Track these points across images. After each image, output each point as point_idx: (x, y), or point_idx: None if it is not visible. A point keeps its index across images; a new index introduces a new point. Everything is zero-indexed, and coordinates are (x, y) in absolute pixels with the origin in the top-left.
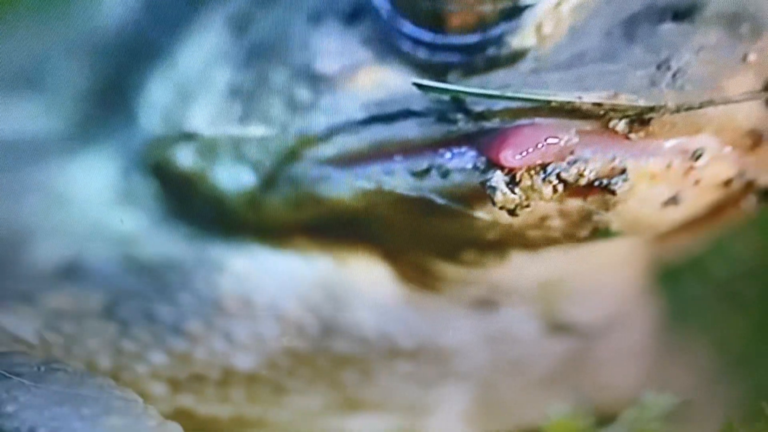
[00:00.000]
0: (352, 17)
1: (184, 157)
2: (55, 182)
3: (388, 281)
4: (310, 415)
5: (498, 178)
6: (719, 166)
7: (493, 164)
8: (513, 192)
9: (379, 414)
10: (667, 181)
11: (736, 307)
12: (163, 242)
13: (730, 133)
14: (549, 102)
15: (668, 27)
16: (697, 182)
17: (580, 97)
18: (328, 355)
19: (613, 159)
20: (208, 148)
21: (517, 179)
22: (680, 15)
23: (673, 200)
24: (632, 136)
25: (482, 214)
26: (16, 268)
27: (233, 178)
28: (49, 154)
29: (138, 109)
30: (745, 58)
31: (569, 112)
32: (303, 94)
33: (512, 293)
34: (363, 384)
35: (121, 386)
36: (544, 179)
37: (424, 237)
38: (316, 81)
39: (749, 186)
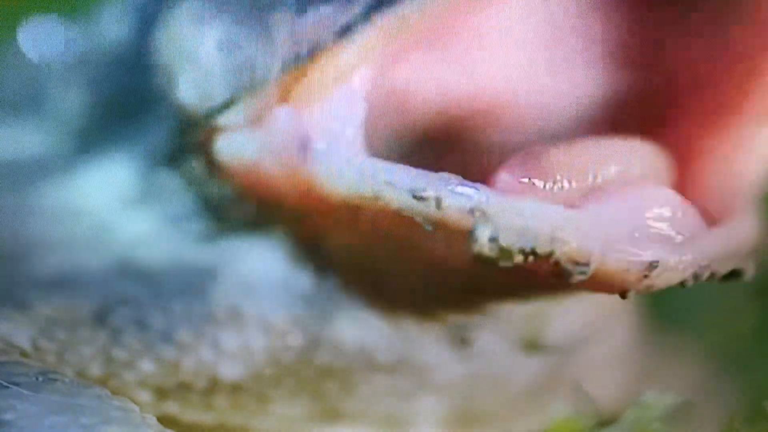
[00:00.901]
0: None
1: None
2: (59, 194)
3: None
4: (292, 423)
5: (483, 232)
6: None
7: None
8: (490, 249)
9: (360, 424)
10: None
11: (733, 305)
12: (167, 248)
13: None
14: None
15: None
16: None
17: None
18: (311, 367)
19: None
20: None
21: (500, 240)
22: None
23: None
24: None
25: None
26: (14, 277)
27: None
28: (53, 169)
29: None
30: None
31: None
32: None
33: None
34: (344, 395)
35: (117, 396)
36: (520, 249)
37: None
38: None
39: None
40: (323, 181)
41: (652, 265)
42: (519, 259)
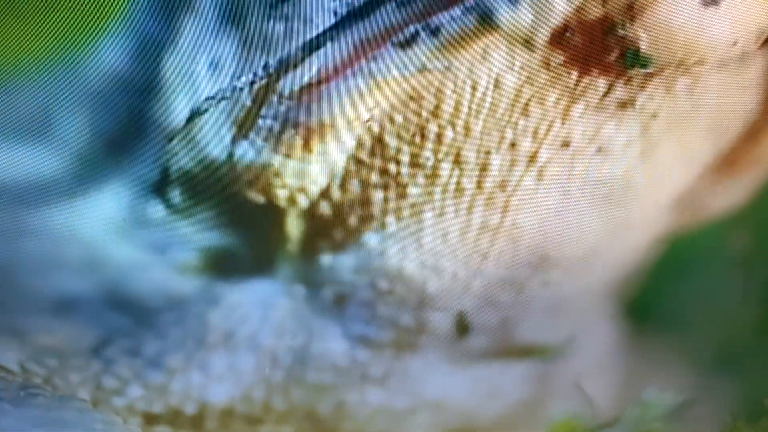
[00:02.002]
0: None
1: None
2: (57, 219)
3: (362, 310)
4: None
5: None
6: None
7: None
8: (518, 10)
9: None
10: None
11: (731, 304)
12: (166, 277)
13: None
14: None
15: None
16: None
17: None
18: (302, 385)
19: None
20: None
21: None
22: None
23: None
24: None
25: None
26: (9, 301)
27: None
28: (53, 193)
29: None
30: None
31: None
32: (273, 27)
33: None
34: (337, 415)
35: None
36: None
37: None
38: (280, 6)
39: None
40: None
41: None
42: (559, 3)
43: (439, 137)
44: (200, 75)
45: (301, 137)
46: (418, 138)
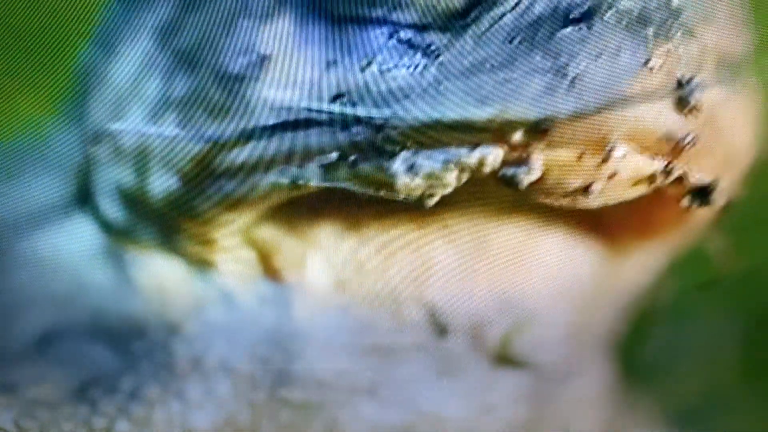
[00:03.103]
0: (265, 16)
1: (128, 178)
2: (44, 248)
3: (335, 318)
4: None
5: (398, 165)
6: (639, 159)
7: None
8: (413, 180)
9: None
10: (578, 172)
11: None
12: (131, 304)
13: (643, 139)
14: (441, 120)
15: (567, 32)
16: (612, 176)
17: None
18: (288, 405)
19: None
20: (141, 160)
21: (417, 166)
22: (579, 19)
23: (584, 191)
24: (532, 145)
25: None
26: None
27: (163, 186)
28: (41, 220)
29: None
30: (647, 62)
31: (464, 128)
32: (218, 97)
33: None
34: None
35: None
36: (444, 166)
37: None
38: (229, 82)
39: (681, 185)
40: None
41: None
42: (450, 179)
43: None
44: (148, 97)
45: (227, 200)
46: None
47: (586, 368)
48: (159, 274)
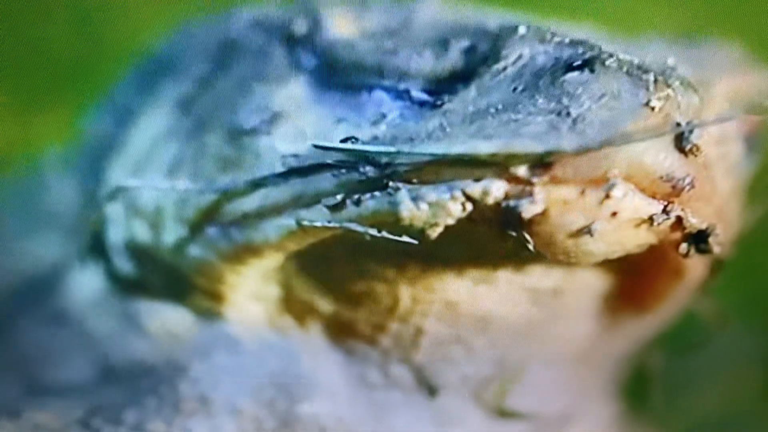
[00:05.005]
0: (279, 80)
1: (139, 232)
2: (57, 303)
3: (337, 367)
4: None
5: (403, 195)
6: (638, 199)
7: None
8: (419, 208)
9: None
10: (580, 208)
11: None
12: (138, 347)
13: (642, 178)
14: (446, 154)
15: (569, 77)
16: (614, 214)
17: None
18: None
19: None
20: (155, 216)
21: (422, 195)
22: (581, 66)
23: (587, 231)
24: (535, 180)
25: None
26: (6, 385)
27: (175, 238)
28: (53, 275)
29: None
30: (648, 103)
31: (468, 162)
32: (229, 151)
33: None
34: None
35: None
36: (448, 195)
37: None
38: (240, 137)
39: (679, 227)
40: None
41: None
42: (455, 209)
43: None
44: (162, 156)
45: (235, 251)
46: None
47: (587, 409)
48: (167, 320)
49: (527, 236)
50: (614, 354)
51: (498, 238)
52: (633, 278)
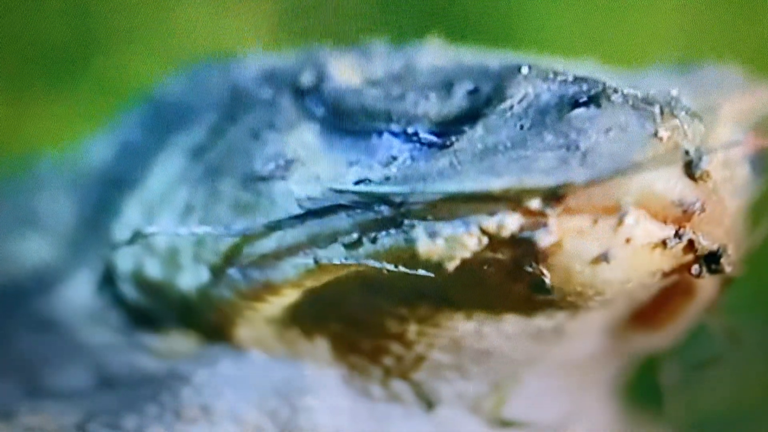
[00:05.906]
0: (290, 127)
1: (152, 269)
2: (46, 311)
3: (339, 382)
4: None
5: (419, 231)
6: (650, 225)
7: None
8: (435, 243)
9: None
10: (594, 236)
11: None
12: (139, 358)
13: (654, 204)
14: (459, 192)
15: (575, 113)
16: (628, 240)
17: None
18: None
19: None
20: (170, 256)
21: (438, 231)
22: (587, 102)
23: (603, 257)
24: (549, 211)
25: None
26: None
27: (194, 279)
28: (43, 284)
29: (113, 231)
30: (656, 134)
31: (482, 198)
32: (245, 197)
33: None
34: None
35: None
36: (464, 229)
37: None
38: (255, 182)
39: (691, 249)
40: None
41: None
42: (472, 243)
43: None
44: (178, 201)
45: (254, 290)
46: None
47: (587, 415)
48: (173, 342)
49: (544, 270)
50: (617, 364)
51: (512, 280)
52: (643, 301)
